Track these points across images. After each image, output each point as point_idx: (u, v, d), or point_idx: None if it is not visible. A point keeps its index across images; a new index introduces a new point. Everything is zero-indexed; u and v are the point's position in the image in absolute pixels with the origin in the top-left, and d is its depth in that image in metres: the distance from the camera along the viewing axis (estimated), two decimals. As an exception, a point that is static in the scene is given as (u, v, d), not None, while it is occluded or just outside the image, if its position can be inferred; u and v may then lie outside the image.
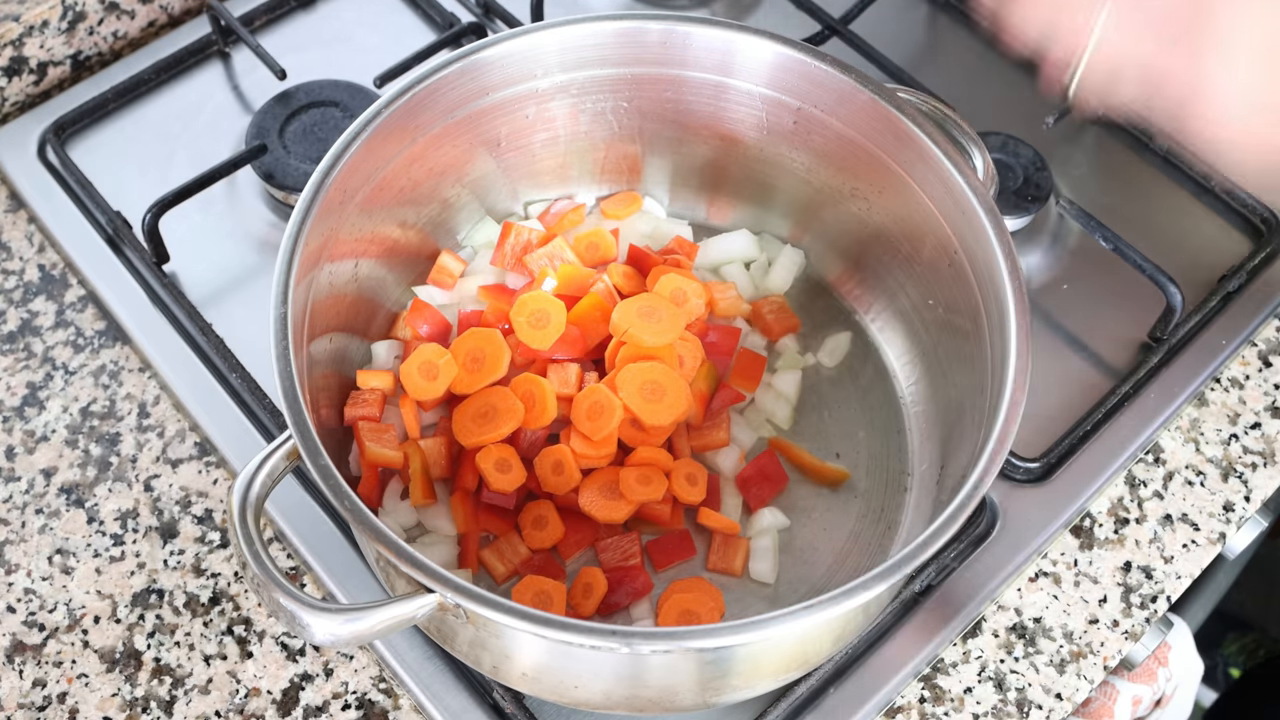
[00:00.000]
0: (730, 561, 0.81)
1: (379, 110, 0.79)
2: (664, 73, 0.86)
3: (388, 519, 0.81)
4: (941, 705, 0.80)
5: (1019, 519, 0.85)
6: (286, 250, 0.73)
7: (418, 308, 0.87)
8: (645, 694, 0.70)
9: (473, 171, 0.89)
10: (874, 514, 0.84)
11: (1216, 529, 0.88)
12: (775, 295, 0.91)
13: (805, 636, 0.69)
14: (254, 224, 0.99)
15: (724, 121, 0.88)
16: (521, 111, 0.87)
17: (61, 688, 0.80)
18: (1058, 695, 0.81)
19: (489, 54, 0.82)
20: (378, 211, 0.83)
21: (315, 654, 0.82)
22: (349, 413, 0.82)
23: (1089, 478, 0.87)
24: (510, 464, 0.80)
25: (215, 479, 0.88)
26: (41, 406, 0.90)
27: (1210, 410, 0.92)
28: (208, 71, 1.08)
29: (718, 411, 0.85)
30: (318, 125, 1.02)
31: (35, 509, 0.86)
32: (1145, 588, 0.85)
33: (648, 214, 0.95)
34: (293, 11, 1.12)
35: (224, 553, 0.85)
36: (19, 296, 0.95)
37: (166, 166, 1.02)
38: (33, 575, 0.84)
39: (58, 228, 0.98)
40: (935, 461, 0.83)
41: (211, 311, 0.93)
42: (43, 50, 1.05)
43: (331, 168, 0.77)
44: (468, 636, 0.69)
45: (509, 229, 0.89)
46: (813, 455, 0.86)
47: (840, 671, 0.80)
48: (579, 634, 0.61)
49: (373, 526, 0.64)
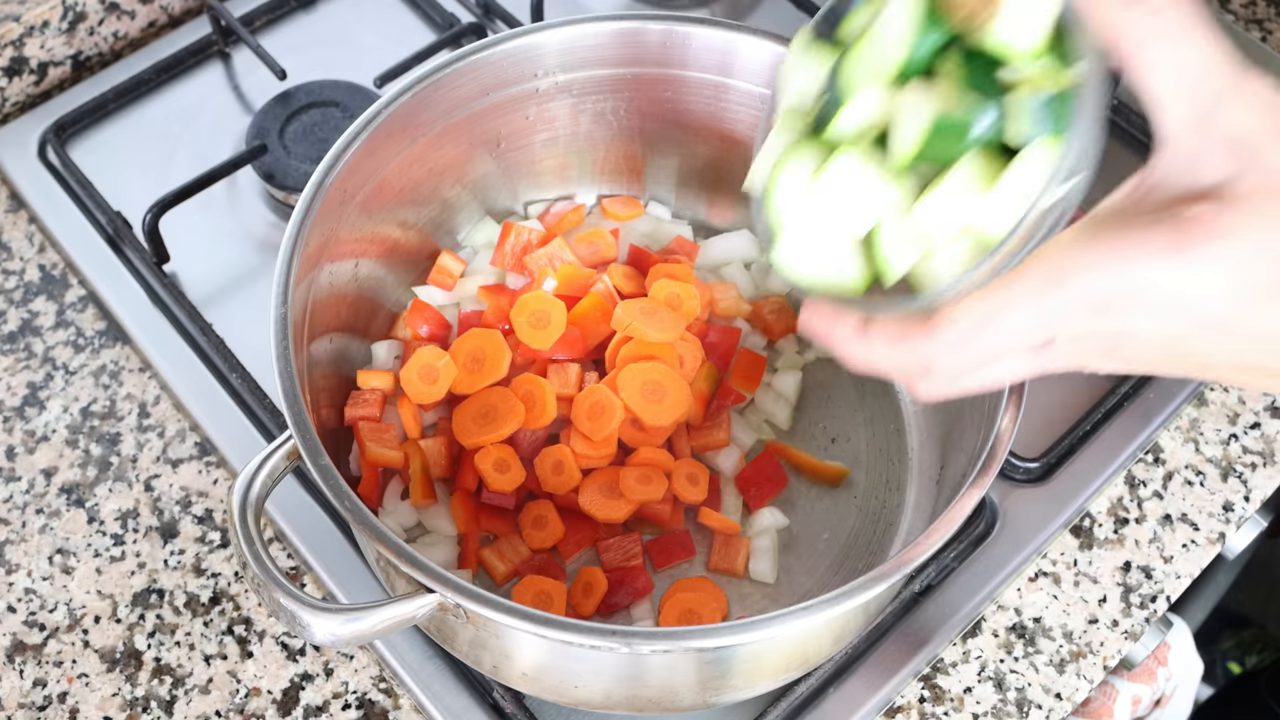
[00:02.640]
0: (732, 561, 0.81)
1: (379, 110, 0.79)
2: (664, 73, 0.86)
3: (388, 519, 0.81)
4: (941, 705, 0.80)
5: (1019, 519, 0.85)
6: (286, 250, 0.73)
7: (418, 308, 0.87)
8: (645, 694, 0.70)
9: (473, 171, 0.89)
10: (874, 514, 0.84)
11: (1216, 529, 0.88)
12: (775, 295, 0.92)
13: (805, 636, 0.69)
14: (254, 224, 0.99)
15: (724, 122, 0.88)
16: (521, 111, 0.87)
17: (62, 688, 0.80)
18: (1057, 695, 0.81)
19: (489, 54, 0.82)
20: (378, 211, 0.83)
21: (315, 654, 0.82)
22: (349, 413, 0.82)
23: (1089, 478, 0.87)
24: (509, 464, 0.80)
25: (215, 479, 0.88)
26: (42, 406, 0.90)
27: (1210, 410, 0.92)
28: (208, 72, 1.08)
29: (718, 412, 0.85)
30: (318, 125, 1.02)
31: (35, 509, 0.86)
32: (1145, 587, 0.85)
33: (649, 214, 0.95)
34: (293, 11, 1.12)
35: (224, 553, 0.85)
36: (19, 296, 0.96)
37: (167, 166, 1.02)
38: (33, 575, 0.84)
39: (58, 228, 0.98)
40: (935, 461, 0.83)
41: (211, 311, 0.93)
42: (43, 50, 1.05)
43: (331, 168, 0.77)
44: (468, 636, 0.69)
45: (509, 229, 0.89)
46: (811, 454, 0.86)
47: (840, 671, 0.80)
48: (579, 634, 0.61)
49: (373, 526, 0.64)
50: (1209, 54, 0.50)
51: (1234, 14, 1.15)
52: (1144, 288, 0.50)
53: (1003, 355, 0.53)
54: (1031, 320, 0.52)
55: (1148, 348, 0.52)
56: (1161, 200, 0.52)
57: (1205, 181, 0.51)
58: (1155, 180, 0.53)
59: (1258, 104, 0.50)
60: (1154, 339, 0.51)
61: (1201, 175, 0.51)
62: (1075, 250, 0.51)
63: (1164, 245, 0.49)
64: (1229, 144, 0.50)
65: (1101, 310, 0.51)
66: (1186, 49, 0.50)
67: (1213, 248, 0.49)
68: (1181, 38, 0.50)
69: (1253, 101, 0.50)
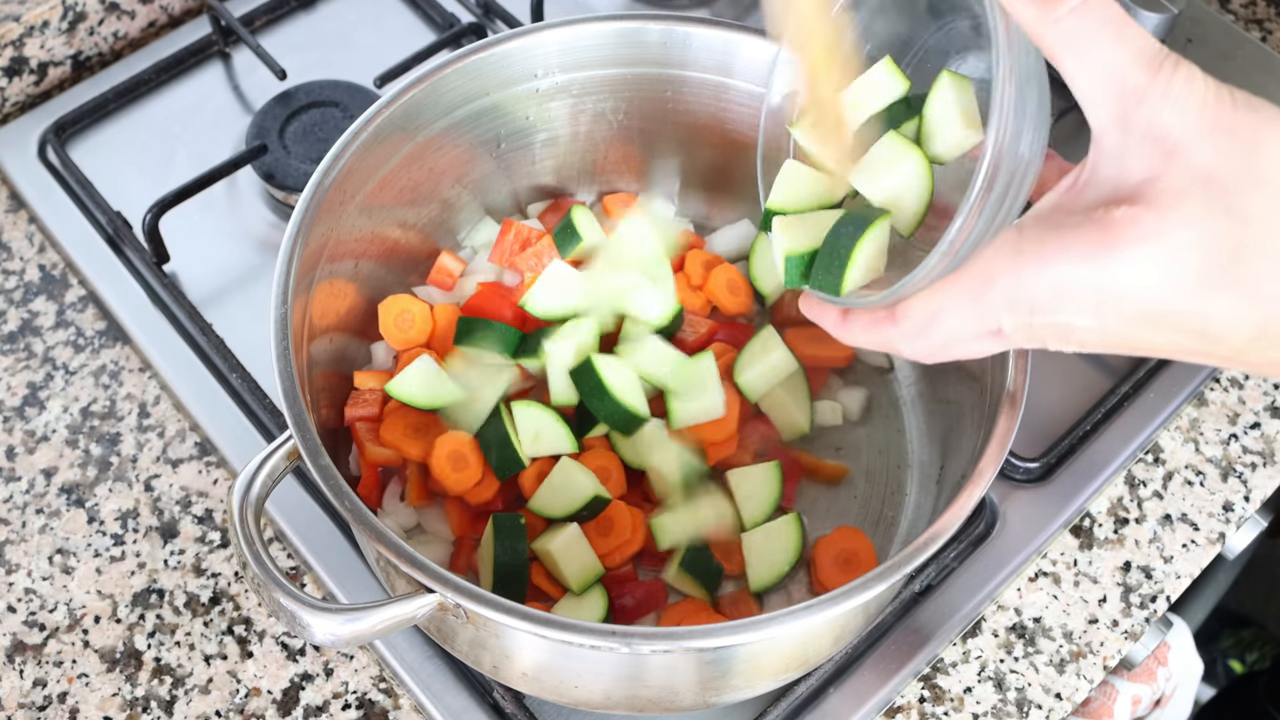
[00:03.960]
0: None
1: (379, 110, 0.79)
2: (664, 73, 0.87)
3: (387, 519, 0.81)
4: (941, 705, 0.80)
5: (1019, 519, 0.85)
6: (286, 250, 0.73)
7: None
8: (645, 694, 0.70)
9: (473, 171, 0.89)
10: (874, 514, 0.84)
11: (1216, 529, 0.88)
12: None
13: (805, 636, 0.69)
14: (254, 224, 0.99)
15: (725, 122, 0.88)
16: (521, 111, 0.87)
17: (62, 688, 0.80)
18: (1057, 695, 0.81)
19: (489, 54, 0.82)
20: (378, 211, 0.83)
21: (315, 654, 0.82)
22: (349, 413, 0.82)
23: (1089, 478, 0.87)
24: (467, 460, 0.79)
25: (215, 479, 0.88)
26: (42, 406, 0.90)
27: (1210, 410, 0.92)
28: (208, 72, 1.08)
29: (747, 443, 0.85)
30: (318, 125, 1.02)
31: (36, 509, 0.86)
32: (1145, 587, 0.85)
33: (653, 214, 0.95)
34: (293, 11, 1.12)
35: (224, 553, 0.85)
36: (19, 296, 0.96)
37: (167, 166, 1.02)
38: (33, 575, 0.84)
39: (58, 228, 0.98)
40: (935, 461, 0.83)
41: (211, 311, 0.93)
42: (43, 50, 1.05)
43: (331, 168, 0.77)
44: (468, 636, 0.69)
45: (509, 226, 0.89)
46: (812, 454, 0.86)
47: (840, 671, 0.80)
48: (579, 634, 0.61)
49: (373, 526, 0.64)
50: (1127, 52, 0.51)
51: (1234, 14, 1.15)
52: (1068, 289, 0.53)
53: (959, 340, 0.58)
54: (969, 318, 0.56)
55: (1093, 337, 0.54)
56: (1091, 200, 0.53)
57: (1131, 181, 0.52)
58: (1086, 178, 0.54)
59: (1182, 101, 0.51)
60: (1093, 330, 0.54)
61: (1127, 174, 0.52)
62: (1004, 254, 0.54)
63: (1087, 248, 0.52)
64: (1152, 142, 0.51)
65: (1033, 310, 0.54)
66: (1103, 48, 0.51)
67: (1133, 250, 0.51)
68: (1098, 36, 0.51)
69: (1178, 99, 0.51)
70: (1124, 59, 0.51)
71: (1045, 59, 0.54)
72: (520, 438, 0.79)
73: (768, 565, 0.79)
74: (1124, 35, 0.51)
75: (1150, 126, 0.51)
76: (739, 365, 0.84)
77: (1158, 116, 0.51)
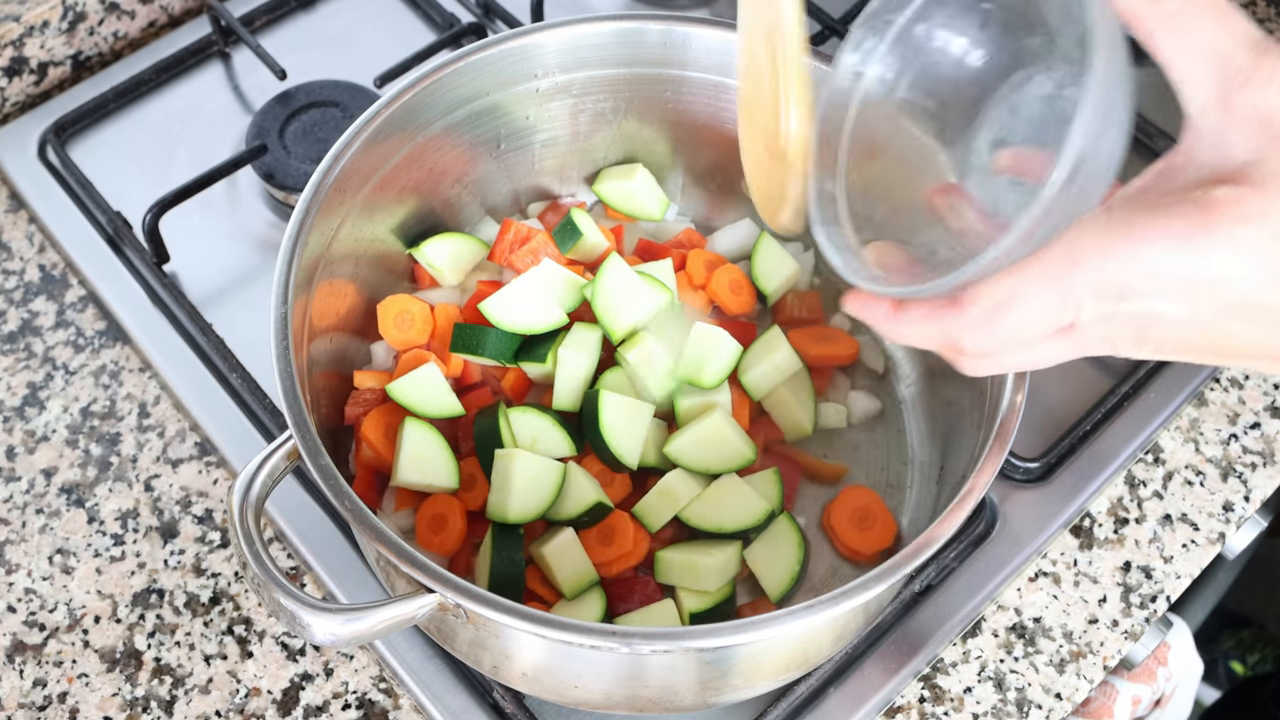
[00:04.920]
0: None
1: (379, 110, 0.79)
2: (664, 73, 0.87)
3: (387, 519, 0.81)
4: (941, 705, 0.80)
5: (1019, 519, 0.85)
6: (286, 250, 0.73)
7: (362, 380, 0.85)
8: (645, 694, 0.70)
9: (473, 171, 0.89)
10: (874, 514, 0.84)
11: (1216, 529, 0.88)
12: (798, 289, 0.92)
13: (805, 636, 0.69)
14: (254, 224, 0.99)
15: (725, 122, 0.88)
16: (521, 111, 0.87)
17: (62, 687, 0.80)
18: (1057, 695, 0.81)
19: (489, 54, 0.82)
20: (378, 211, 0.83)
21: (315, 654, 0.82)
22: (349, 412, 0.82)
23: (1089, 478, 0.87)
24: (446, 521, 0.79)
25: (215, 479, 0.88)
26: (42, 406, 0.90)
27: (1210, 410, 0.92)
28: (208, 72, 1.08)
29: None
30: (318, 125, 1.02)
31: (35, 509, 0.86)
32: (1145, 587, 0.85)
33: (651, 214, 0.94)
34: (293, 11, 1.12)
35: (224, 553, 0.85)
36: (19, 296, 0.96)
37: (166, 166, 1.02)
38: (33, 575, 0.84)
39: (58, 228, 0.98)
40: (935, 461, 0.83)
41: (211, 311, 0.93)
42: (43, 50, 1.05)
43: (331, 168, 0.77)
44: (468, 636, 0.69)
45: (508, 225, 0.89)
46: (812, 454, 0.86)
47: (840, 671, 0.80)
48: (579, 634, 0.61)
49: (373, 526, 0.64)
50: (1231, 34, 0.50)
51: (1234, 14, 1.15)
52: (1161, 272, 0.50)
53: (1028, 336, 0.54)
54: (1047, 303, 0.52)
55: (1176, 331, 0.51)
56: (1186, 182, 0.51)
57: (1232, 163, 0.50)
58: (1180, 161, 0.52)
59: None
60: (1180, 322, 0.51)
61: (1228, 156, 0.50)
62: (1092, 234, 0.51)
63: (1184, 229, 0.49)
64: (1258, 124, 0.50)
65: (1120, 295, 0.51)
66: (1208, 30, 0.50)
67: (1235, 231, 0.48)
68: (1202, 19, 0.50)
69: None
70: (1229, 41, 0.50)
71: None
72: (518, 443, 0.79)
73: (779, 571, 0.79)
74: (1228, 19, 0.50)
75: (1256, 108, 0.50)
76: (744, 364, 0.84)
77: (1264, 98, 0.49)
